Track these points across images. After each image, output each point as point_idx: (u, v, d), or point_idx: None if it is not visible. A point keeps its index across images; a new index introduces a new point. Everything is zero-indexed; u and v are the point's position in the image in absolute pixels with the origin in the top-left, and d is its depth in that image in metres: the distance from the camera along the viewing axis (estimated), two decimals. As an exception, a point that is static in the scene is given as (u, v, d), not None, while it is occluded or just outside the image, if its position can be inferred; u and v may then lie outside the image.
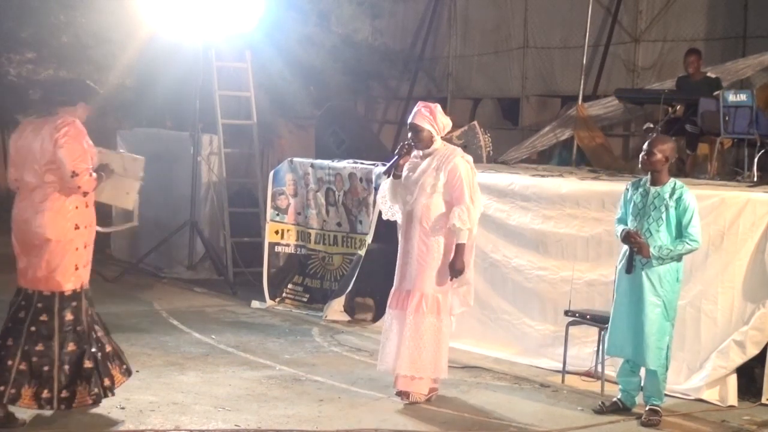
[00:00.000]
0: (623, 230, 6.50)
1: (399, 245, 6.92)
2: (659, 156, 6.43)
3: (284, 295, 10.25)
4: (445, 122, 6.86)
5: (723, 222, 7.10)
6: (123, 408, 6.20)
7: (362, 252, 9.57)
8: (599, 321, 7.10)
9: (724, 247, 7.09)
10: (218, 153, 11.67)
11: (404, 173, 6.85)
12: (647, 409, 6.49)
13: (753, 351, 6.92)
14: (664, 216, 6.38)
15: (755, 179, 8.62)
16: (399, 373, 6.74)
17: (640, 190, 6.55)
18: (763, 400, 6.94)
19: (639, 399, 6.66)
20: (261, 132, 12.24)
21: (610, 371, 7.06)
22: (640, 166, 6.64)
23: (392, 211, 7.05)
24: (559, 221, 8.06)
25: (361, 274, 9.47)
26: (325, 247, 10.09)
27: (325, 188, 10.08)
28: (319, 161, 10.33)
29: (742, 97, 9.02)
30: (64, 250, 5.81)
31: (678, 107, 9.45)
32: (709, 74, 10.18)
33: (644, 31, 12.59)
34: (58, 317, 5.82)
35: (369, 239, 9.54)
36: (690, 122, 9.56)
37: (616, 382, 6.83)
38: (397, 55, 15.74)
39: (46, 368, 5.77)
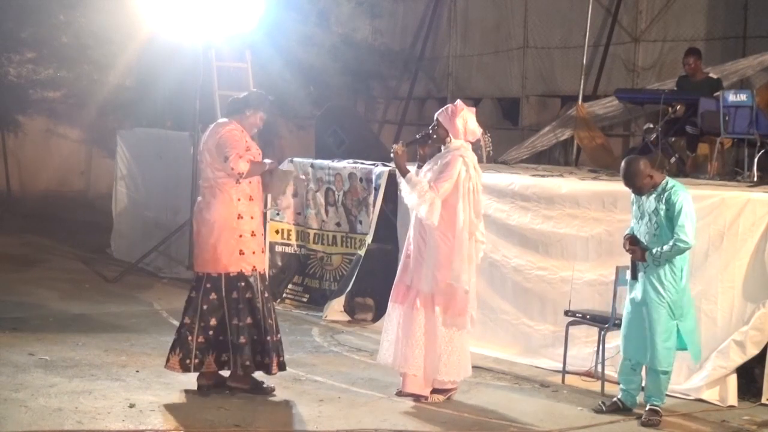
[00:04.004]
0: (624, 239, 6.56)
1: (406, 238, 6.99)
2: (645, 181, 6.47)
3: (284, 295, 10.26)
4: (470, 127, 6.86)
5: (723, 222, 7.10)
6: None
7: (362, 252, 9.57)
8: (599, 321, 7.10)
9: (724, 247, 7.08)
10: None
11: (413, 169, 6.85)
12: (647, 409, 6.49)
13: (753, 351, 6.92)
14: (656, 220, 6.43)
15: (755, 179, 8.62)
16: (399, 371, 6.76)
17: (635, 196, 6.61)
18: (763, 400, 6.94)
19: (639, 399, 6.66)
20: (261, 132, 12.21)
21: (610, 371, 7.06)
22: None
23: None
24: (559, 221, 8.06)
25: (361, 274, 9.47)
26: (323, 247, 10.09)
27: (325, 188, 10.08)
28: (318, 161, 10.33)
29: (742, 97, 9.01)
30: (229, 236, 6.60)
31: (678, 107, 9.44)
32: (711, 75, 10.17)
33: (644, 31, 12.59)
34: (226, 296, 6.59)
35: (369, 239, 9.54)
36: (690, 123, 9.55)
37: (616, 382, 6.83)
38: (397, 55, 15.73)
39: (221, 338, 6.62)
